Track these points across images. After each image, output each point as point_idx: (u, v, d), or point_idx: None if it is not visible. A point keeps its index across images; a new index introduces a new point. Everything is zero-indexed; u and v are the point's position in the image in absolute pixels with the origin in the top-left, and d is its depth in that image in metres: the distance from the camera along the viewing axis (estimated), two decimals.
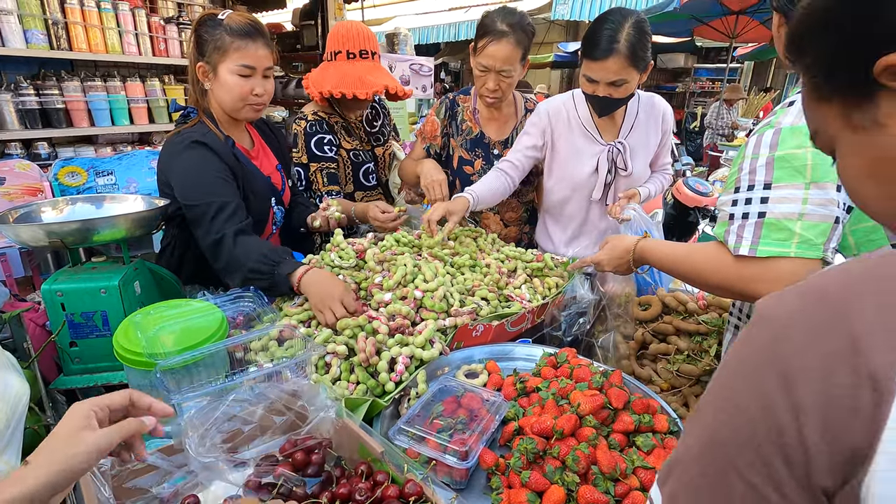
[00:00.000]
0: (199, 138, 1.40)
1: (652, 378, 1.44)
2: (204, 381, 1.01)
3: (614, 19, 1.54)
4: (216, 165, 1.40)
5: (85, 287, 1.12)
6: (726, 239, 0.95)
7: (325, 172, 1.93)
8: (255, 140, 1.68)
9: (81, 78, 3.03)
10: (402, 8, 13.36)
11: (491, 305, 1.34)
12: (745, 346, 0.41)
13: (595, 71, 1.59)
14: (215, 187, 1.36)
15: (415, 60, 4.33)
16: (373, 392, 1.05)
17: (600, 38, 1.54)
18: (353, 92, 1.81)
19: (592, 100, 1.67)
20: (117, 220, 1.12)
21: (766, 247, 0.90)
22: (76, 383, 1.17)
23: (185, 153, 1.39)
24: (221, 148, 1.44)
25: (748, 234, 0.91)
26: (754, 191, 0.91)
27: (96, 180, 2.66)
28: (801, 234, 0.87)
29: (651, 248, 1.19)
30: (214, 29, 1.42)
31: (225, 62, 1.42)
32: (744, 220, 0.92)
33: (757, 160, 0.91)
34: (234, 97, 1.45)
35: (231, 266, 1.32)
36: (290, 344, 1.09)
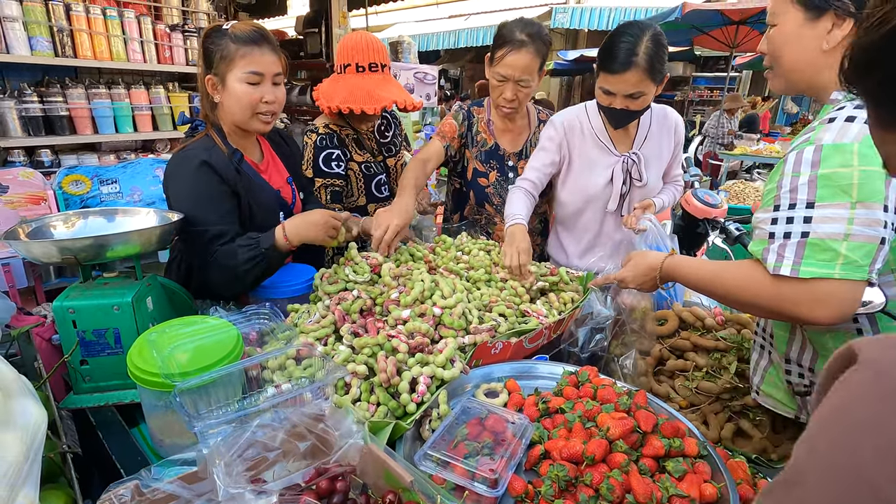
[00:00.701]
0: (203, 157, 1.39)
1: (670, 395, 1.41)
2: (221, 401, 0.98)
3: (632, 32, 1.53)
4: (214, 187, 1.40)
5: (97, 304, 1.09)
6: (765, 257, 0.93)
7: (329, 190, 1.92)
8: (266, 153, 1.66)
9: (86, 85, 3.01)
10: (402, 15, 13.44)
11: (509, 322, 1.32)
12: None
13: (613, 84, 1.58)
14: (210, 214, 1.38)
15: (419, 69, 4.33)
16: (394, 413, 1.03)
17: (619, 52, 1.53)
18: (361, 108, 1.81)
19: (608, 112, 1.66)
20: (131, 236, 1.10)
21: (809, 267, 0.88)
22: (86, 402, 1.14)
23: (184, 172, 1.39)
24: (224, 166, 1.43)
25: (790, 253, 0.89)
26: (796, 210, 0.89)
27: (100, 189, 2.63)
28: (847, 255, 0.85)
29: (679, 265, 1.17)
30: (220, 39, 1.41)
31: (232, 70, 1.40)
32: (785, 239, 0.90)
33: (798, 178, 0.89)
34: (242, 106, 1.42)
35: (226, 275, 1.37)
36: (309, 363, 1.06)
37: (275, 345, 1.18)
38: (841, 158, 0.84)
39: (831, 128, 0.87)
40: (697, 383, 1.40)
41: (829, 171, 0.85)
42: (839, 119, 0.87)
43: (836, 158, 0.85)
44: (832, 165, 0.85)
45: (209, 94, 1.45)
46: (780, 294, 0.92)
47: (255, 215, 1.50)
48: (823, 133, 0.88)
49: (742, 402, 1.37)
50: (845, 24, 0.92)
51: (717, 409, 1.36)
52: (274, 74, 1.45)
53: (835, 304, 0.88)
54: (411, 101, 1.94)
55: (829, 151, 0.86)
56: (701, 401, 1.38)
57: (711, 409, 1.36)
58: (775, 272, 0.91)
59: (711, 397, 1.38)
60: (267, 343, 1.23)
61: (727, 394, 1.38)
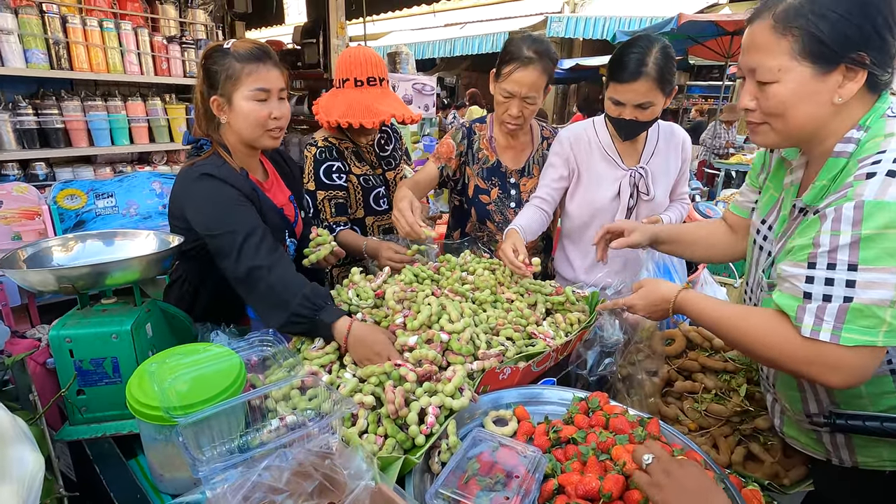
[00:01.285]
0: (212, 171, 1.35)
1: (679, 417, 1.39)
2: (224, 435, 0.95)
3: (642, 45, 1.57)
4: (233, 193, 1.35)
5: (95, 332, 1.06)
6: (799, 317, 0.89)
7: (332, 203, 1.90)
8: (269, 171, 1.64)
9: (81, 97, 2.98)
10: (399, 23, 13.48)
11: (516, 346, 1.29)
12: None
13: (623, 93, 1.60)
14: (237, 215, 1.31)
15: (417, 80, 4.33)
16: (402, 446, 1.00)
17: (629, 62, 1.56)
18: (359, 122, 1.81)
19: (618, 123, 1.67)
20: (131, 263, 1.07)
21: (851, 334, 0.84)
22: (83, 434, 1.10)
23: (199, 184, 1.34)
24: (237, 179, 1.40)
25: (829, 317, 0.85)
26: (836, 271, 0.85)
27: (96, 203, 2.60)
28: (892, 322, 0.82)
29: (694, 301, 1.12)
30: (223, 59, 1.39)
31: (239, 89, 1.38)
32: (825, 301, 0.86)
33: (839, 237, 0.84)
34: (251, 124, 1.41)
35: (268, 301, 1.25)
36: (314, 393, 1.03)
37: (277, 371, 1.15)
38: (886, 218, 0.80)
39: (871, 183, 0.83)
40: (706, 406, 1.38)
41: (872, 232, 0.81)
42: (880, 173, 0.83)
43: (881, 218, 0.80)
44: (876, 226, 0.81)
45: (215, 115, 1.43)
46: (810, 356, 0.88)
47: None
48: (863, 188, 0.83)
49: (752, 425, 1.35)
50: (859, 76, 0.88)
51: (727, 431, 1.34)
52: (279, 89, 1.44)
53: (869, 371, 0.87)
54: (410, 113, 1.93)
55: (871, 209, 0.81)
56: (710, 424, 1.36)
57: (721, 432, 1.34)
58: (813, 336, 0.87)
59: (721, 420, 1.36)
60: (269, 368, 1.20)
61: (737, 416, 1.36)
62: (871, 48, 0.86)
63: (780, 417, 1.18)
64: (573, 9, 11.97)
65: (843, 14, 0.85)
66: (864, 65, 0.87)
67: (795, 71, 0.89)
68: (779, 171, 1.18)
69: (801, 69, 0.89)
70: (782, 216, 1.10)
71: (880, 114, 0.92)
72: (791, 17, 0.88)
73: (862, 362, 0.86)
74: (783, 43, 0.89)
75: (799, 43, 0.88)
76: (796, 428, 1.15)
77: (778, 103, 0.93)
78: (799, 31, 0.88)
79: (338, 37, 4.54)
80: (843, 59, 0.87)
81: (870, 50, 0.86)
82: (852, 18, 0.85)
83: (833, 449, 1.09)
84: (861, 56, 0.86)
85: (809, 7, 0.87)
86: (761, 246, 1.17)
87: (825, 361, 0.87)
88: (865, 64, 0.87)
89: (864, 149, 0.90)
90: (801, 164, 1.07)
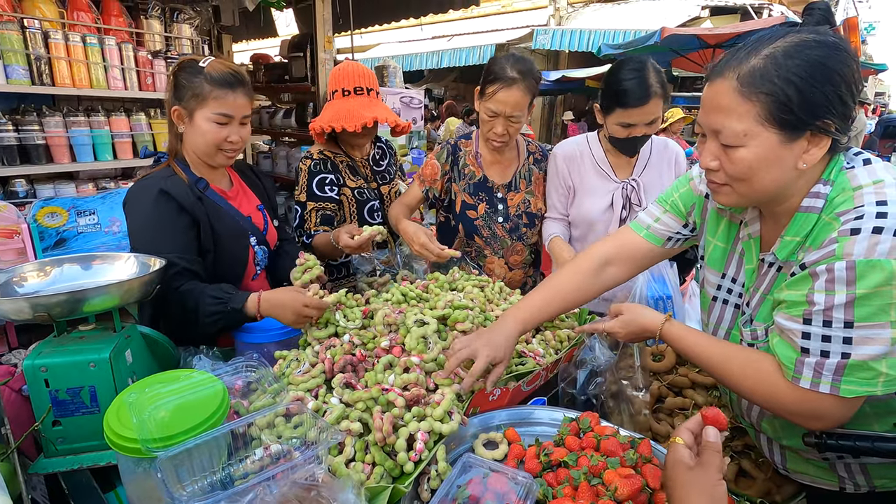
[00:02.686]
0: (161, 186, 1.40)
1: (670, 435, 1.38)
2: (205, 468, 0.92)
3: (636, 67, 1.64)
4: (174, 219, 1.40)
5: (72, 361, 1.03)
6: (798, 369, 0.91)
7: (319, 213, 1.92)
8: (235, 182, 1.68)
9: (63, 113, 2.93)
10: (386, 35, 13.56)
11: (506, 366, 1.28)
12: None
13: (636, 116, 1.67)
14: (169, 244, 1.36)
15: (405, 93, 4.34)
16: (390, 473, 0.98)
17: (633, 87, 1.63)
18: (341, 124, 1.84)
19: (626, 143, 1.74)
20: (110, 289, 1.04)
21: (850, 386, 0.86)
22: (58, 466, 1.06)
23: (144, 205, 1.39)
24: (183, 194, 1.43)
25: (828, 372, 0.87)
26: (832, 328, 0.86)
27: (77, 220, 2.55)
28: (888, 372, 0.84)
29: (680, 336, 1.11)
30: (194, 76, 1.43)
31: (202, 109, 1.44)
32: (823, 357, 0.88)
33: (834, 297, 0.85)
34: (207, 142, 1.47)
35: (187, 317, 1.35)
36: (299, 420, 1.01)
37: (261, 396, 1.13)
38: (878, 277, 0.81)
39: (858, 240, 0.83)
40: None
41: (867, 292, 0.82)
42: (865, 230, 0.83)
43: (874, 277, 0.81)
44: (870, 285, 0.82)
45: (175, 122, 1.48)
46: (801, 404, 0.91)
47: (220, 239, 1.51)
48: (851, 245, 0.83)
49: (743, 441, 1.34)
50: (823, 142, 0.88)
51: None
52: (243, 116, 1.49)
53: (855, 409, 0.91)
54: (395, 118, 1.96)
55: (864, 269, 0.82)
56: None
57: None
58: (812, 388, 0.89)
59: None
60: (253, 392, 1.17)
61: (728, 432, 1.35)
62: (834, 115, 0.86)
63: (781, 454, 1.16)
64: (559, 22, 12.15)
65: (808, 80, 0.84)
66: (829, 132, 0.87)
67: (762, 136, 0.88)
68: (717, 223, 1.18)
69: (768, 135, 0.88)
70: (748, 269, 1.09)
71: (839, 167, 0.93)
72: (758, 81, 0.86)
73: (850, 410, 0.90)
74: (749, 107, 0.87)
75: (766, 108, 0.86)
76: (801, 460, 1.13)
77: (745, 168, 0.91)
78: (766, 97, 0.86)
79: (325, 50, 4.54)
80: (809, 127, 0.87)
81: (833, 117, 0.86)
82: (817, 85, 0.84)
83: (847, 475, 1.07)
84: (826, 124, 0.86)
85: (775, 71, 0.85)
86: (725, 300, 1.16)
87: (815, 409, 0.90)
88: (830, 132, 0.87)
89: (835, 203, 0.90)
90: (754, 217, 1.07)
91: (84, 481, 1.06)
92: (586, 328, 1.30)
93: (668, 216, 1.28)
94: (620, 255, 1.32)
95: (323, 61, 4.47)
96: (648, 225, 1.30)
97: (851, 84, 0.85)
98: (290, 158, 4.68)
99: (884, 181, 0.87)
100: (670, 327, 1.13)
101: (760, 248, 1.08)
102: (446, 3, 5.41)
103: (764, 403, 0.99)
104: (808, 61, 0.84)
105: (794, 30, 0.89)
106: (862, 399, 0.89)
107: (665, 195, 1.31)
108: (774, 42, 0.88)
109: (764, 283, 1.04)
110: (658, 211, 1.30)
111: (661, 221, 1.29)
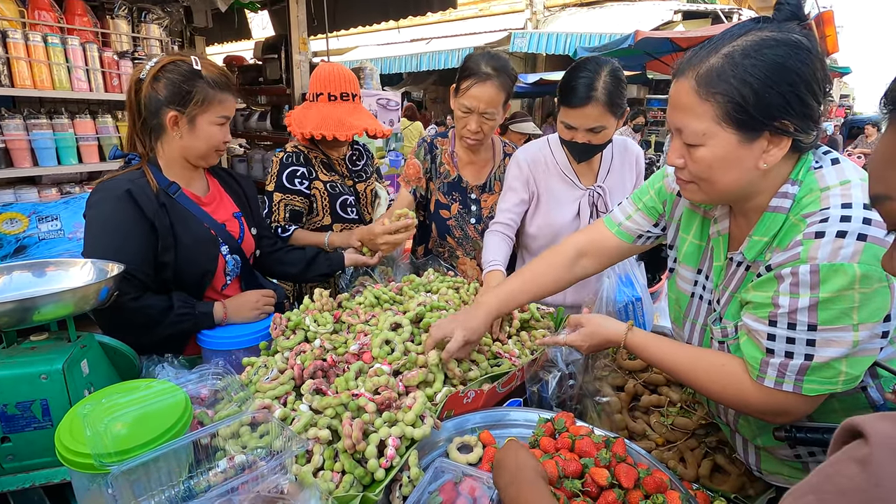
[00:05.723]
0: (125, 188, 1.36)
1: (646, 432, 1.39)
2: (164, 482, 0.87)
3: (590, 68, 1.56)
4: (133, 224, 1.36)
5: (21, 374, 0.97)
6: (763, 370, 0.92)
7: (287, 208, 1.91)
8: (212, 187, 1.63)
9: (24, 115, 2.82)
10: (364, 38, 13.49)
11: (481, 368, 1.26)
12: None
13: (574, 118, 1.59)
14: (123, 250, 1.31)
15: (382, 95, 4.31)
16: (361, 482, 0.95)
17: (577, 86, 1.55)
18: (332, 134, 1.83)
19: (571, 146, 1.67)
20: (63, 297, 0.99)
21: (812, 384, 0.88)
22: (8, 485, 1.00)
23: (104, 206, 1.36)
24: (146, 198, 1.38)
25: (791, 372, 0.89)
26: (797, 331, 0.87)
27: (39, 227, 2.45)
28: (848, 371, 0.86)
29: (645, 345, 1.11)
30: (194, 80, 1.41)
31: (206, 114, 1.44)
32: (787, 358, 0.89)
33: (798, 300, 0.86)
34: (210, 146, 1.48)
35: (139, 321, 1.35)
36: (265, 429, 0.97)
37: (227, 406, 1.09)
38: (841, 281, 0.81)
39: (822, 244, 0.83)
40: (673, 420, 1.38)
41: (830, 295, 0.83)
42: (829, 234, 0.83)
43: (837, 281, 0.82)
44: (833, 289, 0.82)
45: (167, 128, 1.43)
46: (766, 402, 0.93)
47: (185, 248, 1.45)
48: (815, 250, 0.84)
49: (717, 437, 1.35)
50: (783, 143, 0.87)
51: (694, 444, 1.34)
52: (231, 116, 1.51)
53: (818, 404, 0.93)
54: (381, 128, 1.98)
55: (827, 273, 0.82)
56: (677, 437, 1.36)
57: (688, 445, 1.34)
58: (776, 387, 0.91)
59: (688, 433, 1.36)
60: (219, 402, 1.13)
61: (702, 429, 1.36)
62: (793, 115, 0.85)
63: (756, 454, 1.17)
64: (536, 25, 12.27)
65: (764, 80, 0.83)
66: (788, 133, 0.86)
67: (720, 136, 0.88)
68: (692, 219, 1.18)
69: (726, 135, 0.88)
70: (716, 266, 1.10)
71: (808, 166, 0.93)
72: (714, 81, 0.86)
73: (814, 405, 0.92)
74: (707, 107, 0.87)
75: (722, 109, 0.86)
76: (776, 461, 1.14)
77: (704, 167, 0.92)
78: (722, 98, 0.86)
79: (300, 52, 4.48)
80: (767, 128, 0.86)
81: (792, 117, 0.85)
82: (774, 86, 0.83)
83: None
84: (784, 124, 0.86)
85: (731, 71, 0.85)
86: (701, 296, 1.17)
87: (780, 406, 0.93)
88: (789, 132, 0.86)
89: (802, 204, 0.90)
90: (724, 213, 1.08)
91: (37, 500, 1.00)
92: (547, 341, 1.28)
93: (640, 215, 1.29)
94: (592, 249, 1.34)
95: (298, 63, 4.41)
96: (620, 222, 1.31)
97: (812, 83, 0.85)
98: (265, 162, 4.60)
99: (850, 182, 0.88)
100: (633, 337, 1.13)
101: (729, 246, 1.08)
102: (423, 5, 5.40)
103: (732, 404, 1.01)
104: (766, 61, 0.84)
105: (757, 27, 0.89)
106: (824, 396, 0.91)
107: (639, 192, 1.31)
108: (735, 40, 0.88)
109: (733, 281, 1.05)
110: (631, 209, 1.30)
111: (633, 219, 1.29)
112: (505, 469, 0.85)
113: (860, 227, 0.82)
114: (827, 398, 0.94)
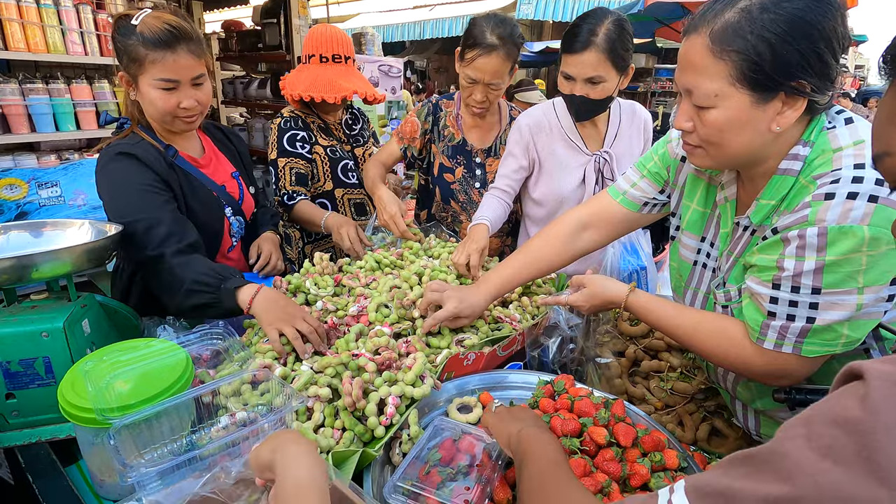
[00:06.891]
0: (126, 149, 1.29)
1: (646, 397, 1.40)
2: (166, 436, 0.89)
3: (595, 15, 1.52)
4: (143, 177, 1.28)
5: (23, 331, 0.97)
6: (763, 332, 0.91)
7: (293, 171, 1.87)
8: (207, 147, 1.56)
9: (20, 80, 2.77)
10: (366, 5, 13.13)
11: (481, 332, 1.26)
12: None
13: (572, 65, 1.54)
14: (143, 202, 1.25)
15: (383, 62, 4.21)
16: (361, 438, 0.96)
17: (579, 32, 1.51)
18: (321, 96, 1.80)
19: (570, 100, 1.62)
20: (60, 254, 0.98)
21: (812, 346, 0.87)
22: (14, 440, 1.02)
23: (109, 166, 1.29)
24: (153, 158, 1.32)
25: (792, 335, 0.88)
26: (800, 294, 0.85)
27: (39, 193, 2.44)
28: (849, 334, 0.85)
29: (646, 307, 1.10)
30: (127, 37, 1.26)
31: (143, 75, 1.28)
32: (789, 321, 0.88)
33: (803, 263, 0.83)
34: (158, 111, 1.33)
35: (172, 285, 1.20)
36: (266, 387, 0.98)
37: (229, 367, 1.09)
38: (849, 244, 0.79)
39: (832, 206, 0.80)
40: (672, 384, 1.38)
41: (836, 258, 0.80)
42: (839, 195, 0.80)
43: (845, 244, 0.79)
44: (840, 252, 0.80)
45: (128, 90, 1.36)
46: (767, 365, 0.92)
47: (194, 213, 1.40)
48: (824, 211, 0.81)
49: (716, 401, 1.36)
50: (799, 104, 0.83)
51: (692, 409, 1.35)
52: (193, 78, 1.32)
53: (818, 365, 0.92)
54: (373, 92, 1.94)
55: (835, 235, 0.80)
56: (676, 402, 1.36)
57: (686, 409, 1.35)
58: (776, 349, 0.90)
59: (686, 398, 1.36)
60: (221, 363, 1.13)
61: (701, 394, 1.36)
62: (811, 74, 0.81)
63: (756, 419, 1.17)
64: None
65: (783, 36, 0.78)
66: (804, 93, 0.82)
67: (733, 98, 0.84)
68: (696, 186, 1.15)
69: (740, 96, 0.83)
70: (723, 233, 1.07)
71: (821, 127, 0.89)
72: (729, 38, 0.81)
73: (814, 366, 0.91)
74: (721, 66, 0.83)
75: (737, 69, 0.81)
76: (775, 425, 1.14)
77: (715, 131, 0.87)
78: (737, 56, 0.81)
79: (300, 16, 4.35)
80: (782, 88, 0.82)
81: (810, 77, 0.81)
82: (793, 42, 0.78)
83: None
84: (801, 84, 0.81)
85: (749, 27, 0.80)
86: (705, 263, 1.15)
87: (781, 369, 0.92)
88: (805, 92, 0.82)
89: (813, 166, 0.87)
90: (731, 179, 1.05)
91: (43, 455, 1.02)
92: (549, 301, 1.27)
93: (645, 182, 1.26)
94: (597, 220, 1.30)
95: (297, 28, 4.30)
96: (625, 190, 1.28)
97: (832, 39, 0.80)
98: (266, 131, 4.54)
99: (864, 141, 0.84)
100: (636, 298, 1.12)
101: (736, 212, 1.06)
102: None
103: (733, 367, 1.00)
104: (785, 15, 0.79)
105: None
106: (825, 357, 0.90)
107: (644, 159, 1.28)
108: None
109: (738, 246, 1.03)
110: (635, 176, 1.27)
111: (638, 187, 1.26)
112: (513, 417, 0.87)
113: (872, 188, 0.79)
114: (828, 360, 0.94)
